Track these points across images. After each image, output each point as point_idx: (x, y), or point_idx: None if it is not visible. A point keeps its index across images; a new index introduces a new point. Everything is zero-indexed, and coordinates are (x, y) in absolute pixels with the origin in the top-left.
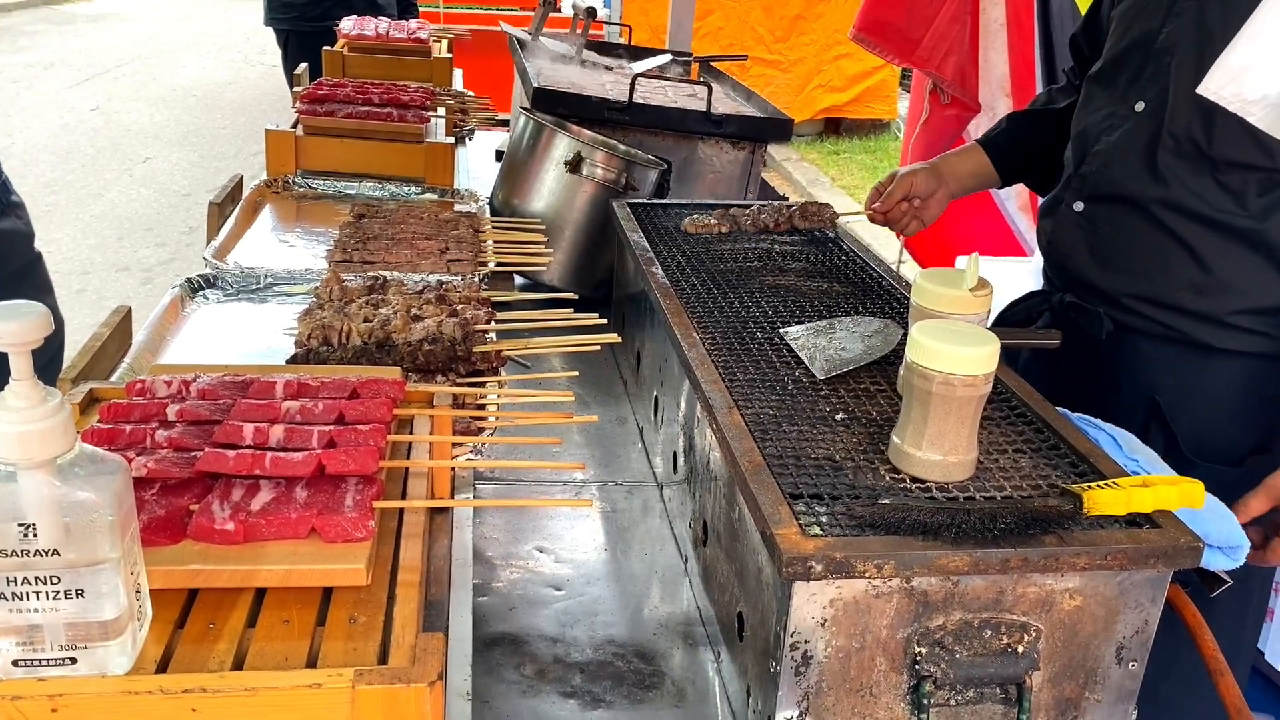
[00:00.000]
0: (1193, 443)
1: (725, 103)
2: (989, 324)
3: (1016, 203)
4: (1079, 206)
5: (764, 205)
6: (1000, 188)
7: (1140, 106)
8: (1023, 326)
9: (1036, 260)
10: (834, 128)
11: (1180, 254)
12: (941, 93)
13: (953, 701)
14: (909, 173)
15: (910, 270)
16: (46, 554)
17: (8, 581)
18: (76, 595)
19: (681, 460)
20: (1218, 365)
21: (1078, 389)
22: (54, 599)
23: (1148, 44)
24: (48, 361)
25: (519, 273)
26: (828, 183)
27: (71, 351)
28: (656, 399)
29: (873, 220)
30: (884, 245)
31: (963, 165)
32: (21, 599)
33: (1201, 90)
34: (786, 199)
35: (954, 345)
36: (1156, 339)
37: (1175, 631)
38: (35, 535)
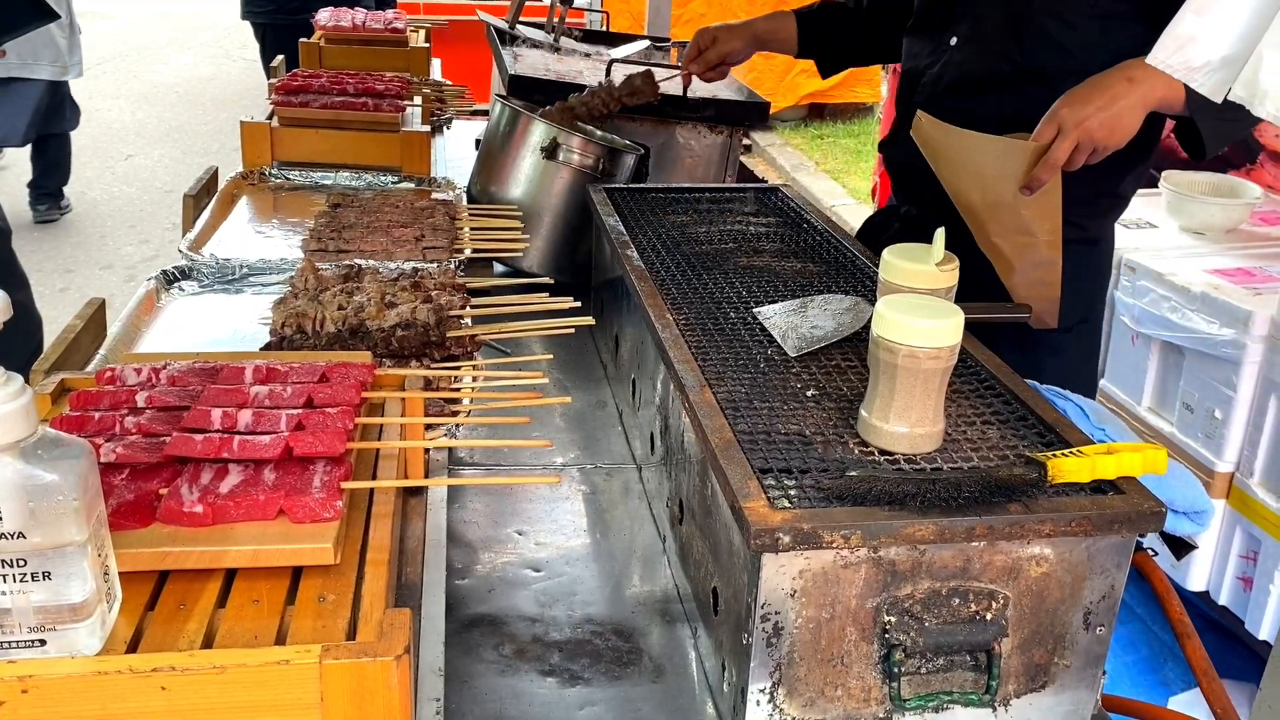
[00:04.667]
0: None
1: (702, 87)
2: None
3: None
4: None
5: (593, 89)
6: (796, 56)
7: (954, 40)
8: (881, 238)
9: None
10: (818, 113)
11: None
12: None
13: (923, 669)
14: (727, 39)
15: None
16: (12, 537)
17: None
18: (44, 578)
19: (658, 441)
20: None
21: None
22: (21, 582)
23: None
24: (26, 361)
25: (497, 259)
26: (812, 167)
27: None
28: (634, 382)
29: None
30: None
31: (775, 34)
32: None
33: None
34: (765, 181)
35: (918, 318)
36: None
37: None
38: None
